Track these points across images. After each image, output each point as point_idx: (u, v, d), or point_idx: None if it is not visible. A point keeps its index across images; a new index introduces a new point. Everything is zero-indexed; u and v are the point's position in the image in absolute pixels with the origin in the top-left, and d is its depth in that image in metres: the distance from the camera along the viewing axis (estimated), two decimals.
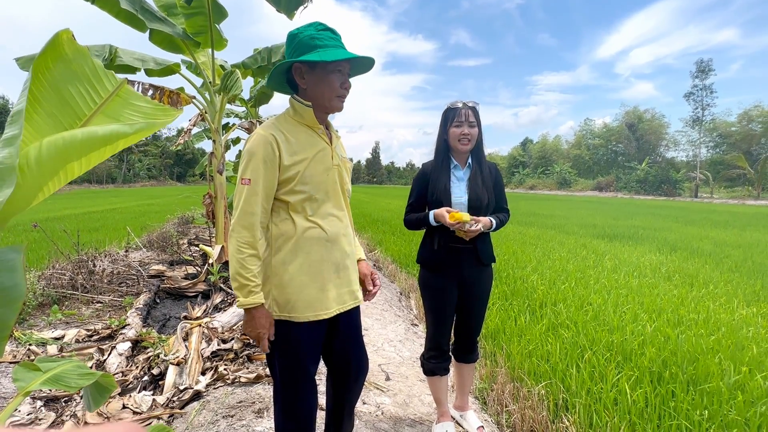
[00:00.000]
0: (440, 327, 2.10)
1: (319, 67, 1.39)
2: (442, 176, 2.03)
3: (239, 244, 1.36)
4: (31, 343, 3.06)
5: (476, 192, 2.00)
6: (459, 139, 1.97)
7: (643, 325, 3.31)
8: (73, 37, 0.75)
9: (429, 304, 2.11)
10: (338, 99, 1.45)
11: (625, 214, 15.30)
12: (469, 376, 2.29)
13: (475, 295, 2.09)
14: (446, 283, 2.06)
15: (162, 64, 4.54)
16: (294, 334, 1.44)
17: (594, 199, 30.04)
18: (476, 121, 1.98)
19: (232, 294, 4.23)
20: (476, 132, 1.99)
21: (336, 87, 1.42)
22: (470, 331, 2.16)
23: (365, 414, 2.26)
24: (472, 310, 2.11)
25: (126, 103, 0.83)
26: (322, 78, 1.40)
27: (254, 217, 1.37)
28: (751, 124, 40.66)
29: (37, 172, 0.60)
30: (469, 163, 2.05)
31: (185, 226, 9.98)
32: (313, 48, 1.36)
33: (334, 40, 1.39)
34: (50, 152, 0.61)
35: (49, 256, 5.42)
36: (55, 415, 2.21)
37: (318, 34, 1.38)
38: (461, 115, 1.96)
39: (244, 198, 1.37)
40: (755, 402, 2.21)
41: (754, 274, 5.58)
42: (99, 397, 1.19)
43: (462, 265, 2.04)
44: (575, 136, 60.47)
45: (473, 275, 2.06)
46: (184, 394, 2.35)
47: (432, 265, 2.07)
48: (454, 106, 2.00)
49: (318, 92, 1.43)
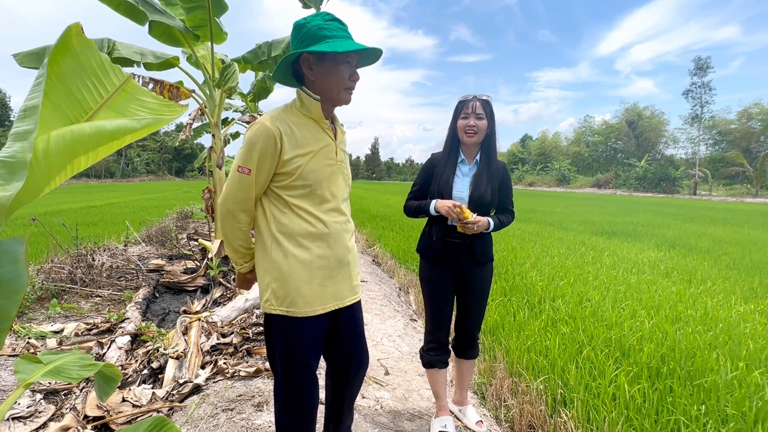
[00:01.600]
0: (437, 319, 2.11)
1: (329, 58, 1.36)
2: (447, 169, 2.02)
3: (236, 223, 1.46)
4: (30, 337, 3.07)
5: (479, 189, 1.98)
6: (465, 131, 1.96)
7: (642, 322, 3.32)
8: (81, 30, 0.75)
9: (427, 296, 2.13)
10: (346, 91, 1.43)
11: (624, 211, 15.32)
12: (468, 372, 2.29)
13: (472, 290, 2.09)
14: (443, 276, 2.06)
15: (161, 57, 4.52)
16: (294, 329, 1.44)
17: (593, 196, 30.08)
18: (485, 114, 1.95)
19: (232, 288, 4.24)
20: (484, 124, 1.95)
21: (345, 79, 1.39)
22: (468, 326, 2.16)
23: (364, 408, 2.28)
24: (470, 306, 2.11)
25: (132, 98, 0.83)
26: (331, 69, 1.37)
27: (247, 203, 1.42)
28: (750, 121, 40.75)
29: (44, 164, 0.60)
30: (476, 159, 2.03)
31: (184, 220, 9.97)
32: (322, 39, 1.33)
33: (343, 31, 1.36)
34: (58, 145, 0.61)
35: (47, 250, 5.41)
36: (55, 407, 2.22)
37: (326, 24, 1.35)
38: (469, 107, 1.95)
39: (237, 183, 1.40)
40: (752, 396, 2.23)
41: (752, 271, 5.61)
42: (107, 387, 1.21)
43: (459, 260, 2.04)
44: (575, 133, 60.53)
45: (470, 271, 2.06)
46: (184, 387, 2.36)
47: (429, 256, 2.08)
48: (465, 98, 1.98)
49: (326, 84, 1.40)
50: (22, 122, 0.62)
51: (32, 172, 0.60)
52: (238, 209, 1.42)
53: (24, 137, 0.59)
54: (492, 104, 1.99)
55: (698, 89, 40.73)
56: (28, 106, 0.65)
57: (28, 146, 0.58)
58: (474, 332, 2.18)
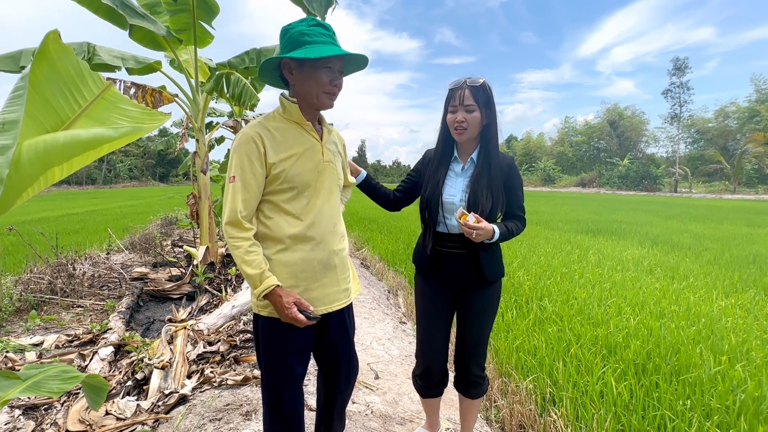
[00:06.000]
0: (427, 342, 1.80)
1: (308, 63, 1.37)
2: (439, 169, 1.74)
3: (233, 241, 1.37)
4: (9, 350, 2.97)
5: (476, 193, 1.65)
6: (455, 128, 1.66)
7: (627, 319, 3.38)
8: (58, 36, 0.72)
9: (418, 314, 1.84)
10: (326, 96, 1.42)
11: (607, 210, 15.59)
12: (469, 413, 1.89)
13: (471, 311, 1.74)
14: (437, 292, 1.76)
15: (143, 62, 4.44)
16: (278, 332, 1.44)
17: (577, 195, 30.53)
18: (476, 104, 1.61)
19: (218, 296, 4.18)
20: (475, 117, 1.62)
21: (324, 83, 1.39)
22: (464, 355, 1.79)
23: (355, 413, 2.26)
24: (467, 330, 1.76)
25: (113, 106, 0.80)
26: (310, 74, 1.38)
27: (241, 213, 1.37)
28: (727, 120, 41.94)
29: (15, 176, 0.58)
30: (472, 158, 1.71)
31: (168, 227, 9.80)
32: (303, 44, 1.34)
33: (325, 36, 1.36)
34: (30, 156, 0.59)
35: (26, 260, 5.26)
36: (35, 423, 2.15)
37: (308, 29, 1.36)
38: (456, 98, 1.63)
39: (231, 195, 1.37)
40: (735, 390, 2.28)
41: (732, 266, 5.75)
42: (96, 397, 1.19)
43: (459, 274, 1.71)
44: (558, 133, 61.50)
45: (471, 290, 1.72)
46: (170, 398, 2.31)
47: (421, 267, 1.80)
48: (455, 85, 1.66)
49: (306, 88, 1.41)
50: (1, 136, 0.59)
51: (2, 184, 0.57)
52: (239, 221, 1.37)
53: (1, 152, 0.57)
54: (488, 88, 1.64)
55: (677, 89, 41.93)
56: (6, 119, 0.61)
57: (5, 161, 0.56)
58: (470, 365, 1.78)
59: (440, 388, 1.86)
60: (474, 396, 1.82)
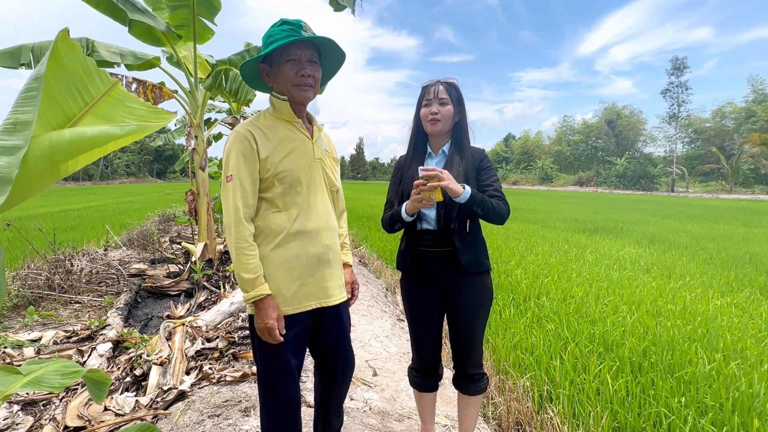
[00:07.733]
0: (419, 342, 1.85)
1: (275, 62, 1.42)
2: (414, 164, 1.77)
3: (234, 241, 1.38)
4: (6, 346, 2.97)
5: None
6: (428, 120, 1.73)
7: (624, 317, 3.40)
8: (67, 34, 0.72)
9: (408, 317, 1.87)
10: (296, 88, 1.43)
11: (605, 209, 15.64)
12: (467, 412, 1.85)
13: (459, 310, 1.75)
14: (424, 292, 1.78)
15: (141, 58, 4.42)
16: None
17: (575, 194, 30.61)
18: (449, 99, 1.71)
19: (216, 292, 4.18)
20: (448, 111, 1.71)
21: (290, 76, 1.41)
22: (458, 353, 1.81)
23: (353, 410, 2.27)
24: (457, 329, 1.77)
25: (119, 104, 0.80)
26: (278, 72, 1.43)
27: (241, 211, 1.38)
28: (724, 120, 42.08)
29: (21, 173, 0.58)
30: (443, 150, 1.77)
31: (166, 223, 9.79)
32: (267, 47, 1.40)
33: (287, 32, 1.38)
34: (35, 153, 0.59)
35: (24, 255, 5.25)
36: (33, 419, 2.15)
37: (274, 30, 1.40)
38: (431, 93, 1.72)
39: (230, 194, 1.39)
40: (729, 387, 2.30)
41: (728, 265, 5.78)
42: (98, 391, 1.20)
43: (443, 272, 1.73)
44: (556, 132, 61.61)
45: (455, 286, 1.73)
46: (168, 394, 2.32)
47: (403, 268, 1.82)
48: (428, 83, 1.76)
49: (279, 87, 1.46)
50: (11, 136, 0.59)
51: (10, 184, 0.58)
52: (240, 219, 1.38)
53: (11, 152, 0.57)
54: (459, 87, 1.76)
55: (675, 89, 41.97)
56: (19, 120, 0.61)
57: (15, 162, 0.56)
58: (465, 361, 1.79)
59: (433, 381, 1.89)
60: (472, 392, 1.81)
